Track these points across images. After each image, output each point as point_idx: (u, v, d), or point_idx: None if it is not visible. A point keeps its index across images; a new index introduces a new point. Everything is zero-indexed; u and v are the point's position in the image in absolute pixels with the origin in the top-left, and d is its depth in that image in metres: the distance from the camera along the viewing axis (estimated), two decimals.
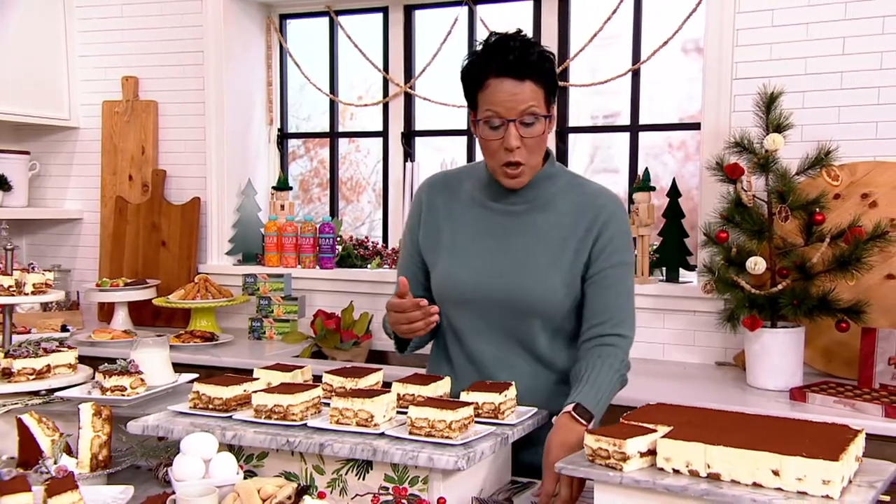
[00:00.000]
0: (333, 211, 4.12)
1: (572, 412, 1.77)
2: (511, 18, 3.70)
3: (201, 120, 3.98)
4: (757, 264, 2.67)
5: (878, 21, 2.90)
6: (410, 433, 1.64)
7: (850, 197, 2.86)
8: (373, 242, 3.91)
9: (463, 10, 3.72)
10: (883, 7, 2.89)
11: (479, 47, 1.92)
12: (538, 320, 1.96)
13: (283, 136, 4.22)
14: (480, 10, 3.71)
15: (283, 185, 3.98)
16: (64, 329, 3.57)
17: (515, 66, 1.85)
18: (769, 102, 2.76)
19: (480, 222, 2.01)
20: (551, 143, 3.07)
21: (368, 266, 3.79)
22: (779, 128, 2.73)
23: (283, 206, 3.95)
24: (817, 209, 2.68)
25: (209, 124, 3.95)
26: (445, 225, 2.05)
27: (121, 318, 3.73)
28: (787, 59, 3.01)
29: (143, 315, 3.89)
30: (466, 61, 1.93)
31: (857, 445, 1.44)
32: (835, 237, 2.67)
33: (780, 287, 2.69)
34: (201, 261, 3.99)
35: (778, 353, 2.71)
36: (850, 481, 1.38)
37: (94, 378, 2.17)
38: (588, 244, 1.95)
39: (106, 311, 3.97)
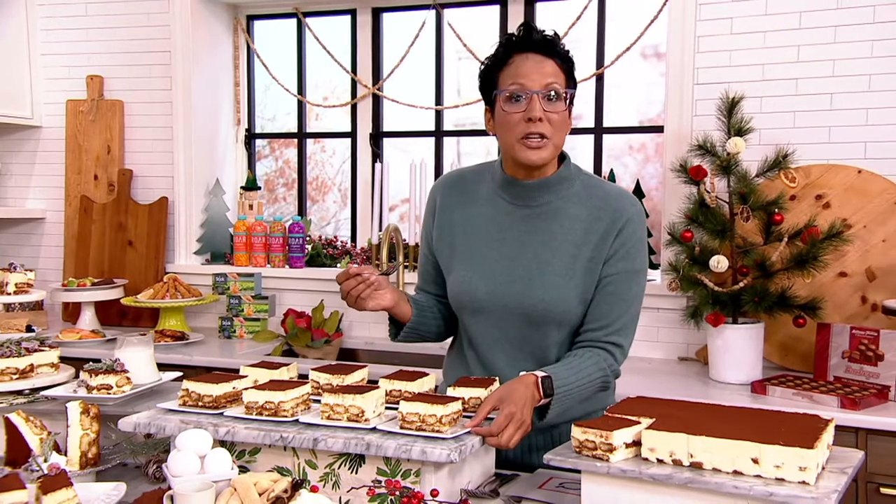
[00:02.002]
0: (301, 211, 4.14)
1: (540, 381, 1.82)
2: (478, 23, 3.76)
3: (168, 120, 3.97)
4: (720, 263, 2.77)
5: (830, 30, 3.03)
6: (402, 427, 1.68)
7: (805, 198, 2.99)
8: (342, 242, 3.95)
9: (430, 14, 3.78)
10: (835, 17, 3.03)
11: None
12: (552, 329, 1.96)
13: (251, 137, 4.23)
14: (447, 13, 3.77)
15: (251, 185, 4.00)
16: (29, 329, 3.53)
17: (541, 43, 1.89)
18: (731, 107, 2.87)
19: (495, 228, 2.00)
20: None
21: (338, 265, 3.83)
22: (740, 132, 2.84)
23: (251, 206, 3.96)
24: (776, 210, 2.80)
25: (176, 124, 3.95)
26: (459, 228, 2.05)
27: (87, 318, 3.71)
28: (746, 65, 3.13)
29: (110, 315, 3.87)
30: (492, 51, 1.95)
31: (829, 434, 1.53)
32: (792, 237, 2.78)
33: (741, 285, 2.80)
34: (169, 260, 3.98)
35: (739, 348, 2.82)
36: (823, 468, 1.47)
37: (77, 377, 2.19)
38: (604, 249, 1.94)
39: (71, 312, 3.94)
